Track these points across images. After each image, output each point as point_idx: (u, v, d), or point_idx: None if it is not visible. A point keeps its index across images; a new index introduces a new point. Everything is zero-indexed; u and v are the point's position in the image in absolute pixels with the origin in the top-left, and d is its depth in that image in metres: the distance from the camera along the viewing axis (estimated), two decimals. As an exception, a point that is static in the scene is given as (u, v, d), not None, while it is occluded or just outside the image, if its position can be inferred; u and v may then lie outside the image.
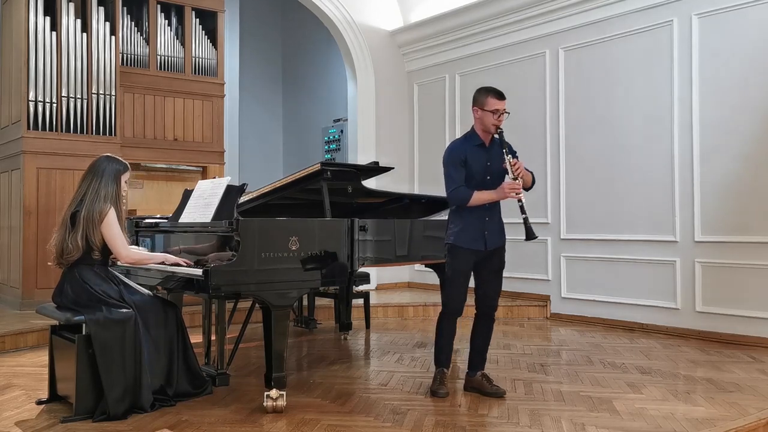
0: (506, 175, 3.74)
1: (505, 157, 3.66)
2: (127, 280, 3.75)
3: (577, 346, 5.26)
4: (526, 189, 3.79)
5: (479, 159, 3.75)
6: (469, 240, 3.77)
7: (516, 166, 3.64)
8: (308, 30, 10.35)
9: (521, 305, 6.81)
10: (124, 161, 3.81)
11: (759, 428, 3.29)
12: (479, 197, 3.70)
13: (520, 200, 3.62)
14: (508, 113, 3.76)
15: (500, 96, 3.72)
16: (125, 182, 3.76)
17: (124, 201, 3.74)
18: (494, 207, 3.80)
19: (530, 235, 3.61)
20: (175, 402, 3.56)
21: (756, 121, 5.28)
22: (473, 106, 3.79)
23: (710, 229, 5.53)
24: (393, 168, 5.18)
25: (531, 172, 3.84)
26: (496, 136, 3.71)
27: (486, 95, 3.73)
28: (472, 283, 3.91)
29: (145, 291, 3.75)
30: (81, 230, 3.52)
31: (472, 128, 3.83)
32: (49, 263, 3.73)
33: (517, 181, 3.63)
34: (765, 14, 5.25)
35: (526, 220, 3.62)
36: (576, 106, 6.60)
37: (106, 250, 3.61)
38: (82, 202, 3.59)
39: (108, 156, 3.77)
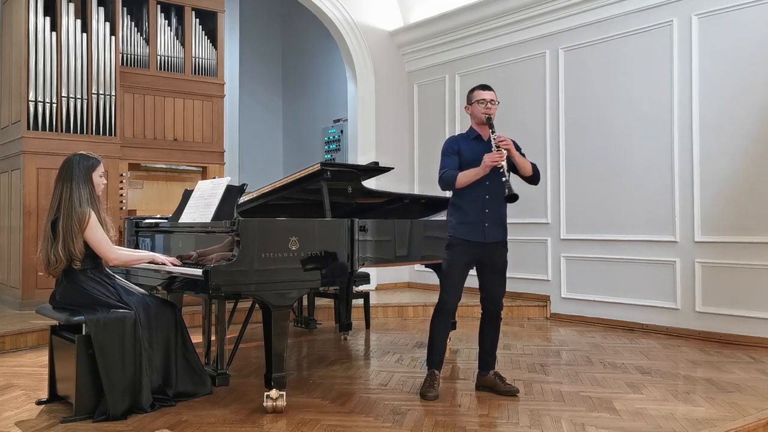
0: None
1: (491, 135, 3.71)
2: (122, 281, 3.74)
3: (577, 347, 5.26)
4: (529, 177, 3.85)
5: (474, 150, 3.81)
6: (468, 232, 3.78)
7: (500, 139, 3.68)
8: (308, 30, 10.34)
9: (521, 305, 6.81)
10: (94, 156, 3.68)
11: (759, 428, 3.29)
12: (466, 174, 3.74)
13: (501, 166, 3.61)
14: (498, 102, 3.86)
15: (486, 87, 3.88)
16: (100, 176, 3.65)
17: (115, 201, 3.70)
18: (494, 200, 3.76)
19: (511, 198, 3.54)
20: (175, 402, 3.56)
21: (756, 121, 5.28)
22: (466, 106, 3.93)
23: (710, 230, 5.53)
24: (393, 168, 5.18)
25: (533, 164, 3.87)
26: (490, 131, 3.73)
27: (473, 91, 3.89)
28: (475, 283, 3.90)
29: (141, 291, 3.73)
30: (61, 241, 3.46)
31: (470, 126, 3.95)
32: (39, 273, 3.69)
33: (500, 151, 3.63)
34: (765, 14, 5.25)
35: (505, 182, 3.58)
36: (576, 106, 6.60)
37: (88, 259, 3.55)
38: (59, 209, 3.51)
39: (76, 154, 3.65)
